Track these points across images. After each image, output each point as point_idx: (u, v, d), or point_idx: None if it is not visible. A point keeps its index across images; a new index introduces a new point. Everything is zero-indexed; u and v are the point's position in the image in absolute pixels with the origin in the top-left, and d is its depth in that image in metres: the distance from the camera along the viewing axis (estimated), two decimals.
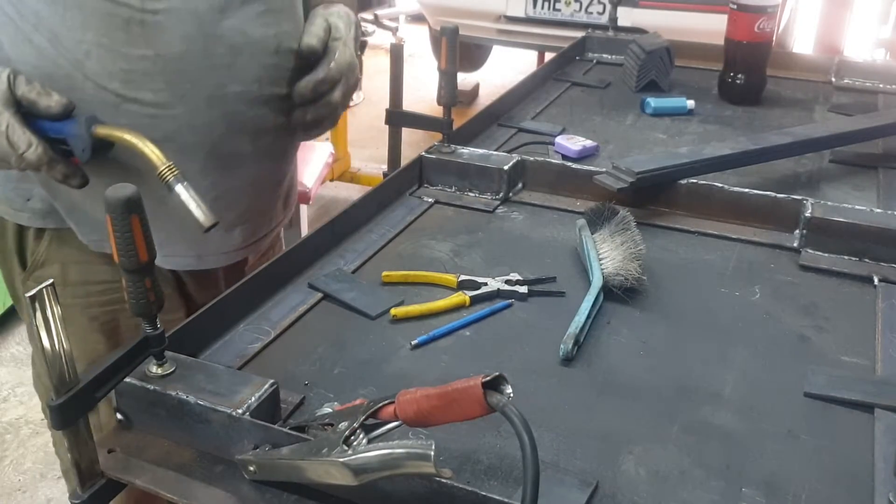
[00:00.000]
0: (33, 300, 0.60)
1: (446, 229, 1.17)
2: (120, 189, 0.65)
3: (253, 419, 0.70)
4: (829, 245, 1.08)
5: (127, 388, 0.74)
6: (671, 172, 1.21)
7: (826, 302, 1.00)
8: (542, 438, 0.75)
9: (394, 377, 0.85)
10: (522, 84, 1.74)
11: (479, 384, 0.62)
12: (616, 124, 1.62)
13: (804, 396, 0.83)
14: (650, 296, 1.00)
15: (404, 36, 5.01)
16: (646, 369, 0.87)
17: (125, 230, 0.65)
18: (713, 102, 1.75)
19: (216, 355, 0.87)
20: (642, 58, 1.79)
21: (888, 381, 0.84)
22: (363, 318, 0.95)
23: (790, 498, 0.70)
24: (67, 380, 0.63)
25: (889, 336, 0.92)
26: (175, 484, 0.71)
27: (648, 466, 0.74)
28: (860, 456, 0.75)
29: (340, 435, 0.64)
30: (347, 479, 0.62)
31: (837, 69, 1.86)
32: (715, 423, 0.79)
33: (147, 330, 0.72)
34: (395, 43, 1.37)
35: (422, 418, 0.65)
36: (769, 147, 1.33)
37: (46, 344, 0.61)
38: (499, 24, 4.13)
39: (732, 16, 1.71)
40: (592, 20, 3.80)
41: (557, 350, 0.88)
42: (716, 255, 1.11)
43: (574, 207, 1.21)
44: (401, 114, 1.34)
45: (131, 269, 0.67)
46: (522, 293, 0.99)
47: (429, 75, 5.12)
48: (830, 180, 1.36)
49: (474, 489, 0.62)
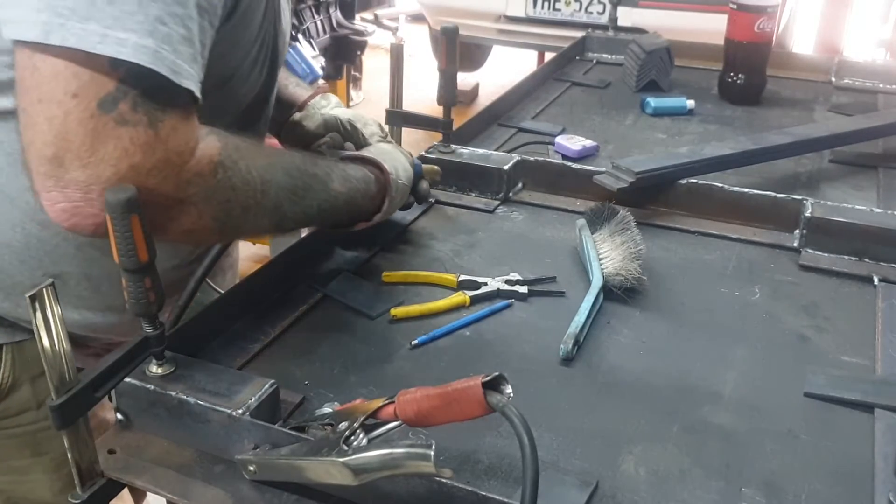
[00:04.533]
0: (33, 300, 0.59)
1: (446, 229, 1.17)
2: (120, 189, 0.65)
3: (253, 419, 0.70)
4: (829, 245, 1.08)
5: (127, 388, 0.74)
6: (671, 172, 1.21)
7: (826, 302, 1.00)
8: (542, 438, 0.75)
9: (394, 377, 0.85)
10: (522, 84, 1.74)
11: (479, 384, 0.62)
12: (616, 124, 1.62)
13: (804, 396, 0.83)
14: (650, 296, 1.00)
15: (404, 36, 5.01)
16: (646, 369, 0.87)
17: (125, 230, 0.65)
18: (713, 102, 1.75)
19: (216, 355, 0.87)
20: (642, 58, 1.79)
21: (888, 381, 0.84)
22: (363, 318, 0.95)
23: (790, 498, 0.70)
24: (67, 380, 0.63)
25: (889, 336, 0.92)
26: (175, 484, 0.71)
27: (648, 466, 0.74)
28: (860, 456, 0.75)
29: (340, 435, 0.64)
30: (347, 479, 0.62)
31: (837, 69, 1.86)
32: (715, 422, 0.79)
33: (147, 330, 0.72)
34: (395, 43, 1.36)
35: (422, 418, 0.65)
36: (769, 147, 1.33)
37: (46, 344, 0.61)
38: (499, 24, 4.13)
39: (732, 16, 1.71)
40: (592, 20, 3.80)
41: (557, 350, 0.88)
42: (716, 254, 1.11)
43: (574, 207, 1.21)
44: (401, 114, 1.34)
45: (131, 269, 0.67)
46: (522, 293, 0.99)
47: (429, 75, 5.11)
48: (830, 180, 1.36)
49: (474, 489, 0.62)
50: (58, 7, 0.65)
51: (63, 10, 0.65)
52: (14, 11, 0.66)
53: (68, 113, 0.66)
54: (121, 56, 0.65)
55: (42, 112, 0.67)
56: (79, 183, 0.68)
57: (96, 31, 0.65)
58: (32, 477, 0.67)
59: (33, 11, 0.65)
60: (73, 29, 0.65)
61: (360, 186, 0.97)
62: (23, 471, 0.99)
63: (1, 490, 1.04)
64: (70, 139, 0.66)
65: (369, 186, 0.98)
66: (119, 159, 0.67)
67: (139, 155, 0.68)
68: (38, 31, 0.65)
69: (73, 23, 0.65)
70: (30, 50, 0.66)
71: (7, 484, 1.03)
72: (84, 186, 0.68)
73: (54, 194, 0.69)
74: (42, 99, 0.66)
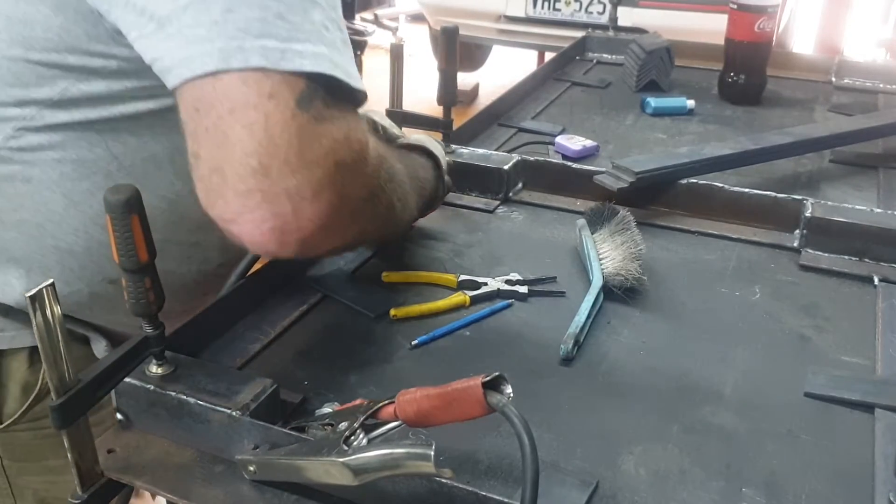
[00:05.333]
0: (33, 300, 0.59)
1: (446, 229, 1.17)
2: (120, 189, 0.65)
3: (253, 419, 0.70)
4: (829, 245, 1.08)
5: (127, 388, 0.74)
6: (671, 172, 1.21)
7: (826, 302, 1.00)
8: (542, 438, 0.75)
9: (394, 377, 0.85)
10: (522, 84, 1.74)
11: (479, 384, 0.62)
12: (616, 124, 1.62)
13: (804, 396, 0.83)
14: (650, 296, 1.00)
15: (404, 36, 5.01)
16: (646, 369, 0.87)
17: (125, 230, 0.65)
18: (713, 102, 1.75)
19: (216, 355, 0.87)
20: (642, 58, 1.79)
21: (888, 381, 0.84)
22: (363, 318, 0.95)
23: (790, 498, 0.70)
24: (67, 380, 0.63)
25: (889, 336, 0.92)
26: (175, 484, 0.71)
27: (648, 466, 0.74)
28: (860, 456, 0.75)
29: (340, 435, 0.64)
30: (347, 478, 0.62)
31: (837, 69, 1.86)
32: (715, 422, 0.79)
33: (147, 330, 0.72)
34: (395, 43, 1.36)
35: (422, 418, 0.65)
36: (769, 147, 1.33)
37: (46, 344, 0.61)
38: (499, 24, 4.14)
39: (732, 16, 1.71)
40: (592, 20, 3.80)
41: (557, 350, 0.88)
42: (716, 255, 1.11)
43: (574, 207, 1.21)
44: (401, 114, 1.34)
45: (131, 269, 0.67)
46: (522, 293, 0.99)
47: (429, 75, 5.12)
48: (830, 180, 1.36)
49: (474, 489, 0.62)
50: (229, 30, 0.62)
51: (236, 31, 0.62)
52: (182, 52, 0.63)
53: (269, 115, 0.62)
54: (304, 69, 0.63)
55: (238, 121, 0.62)
56: (289, 192, 0.62)
57: (276, 48, 0.62)
58: (68, 477, 0.67)
59: (205, 42, 0.62)
60: (253, 48, 0.62)
61: (425, 176, 1.02)
62: (59, 471, 0.99)
63: (35, 490, 1.04)
64: (277, 143, 0.62)
65: (428, 177, 1.03)
66: (326, 157, 0.64)
67: (341, 152, 0.65)
68: (216, 60, 0.62)
69: (250, 41, 0.62)
70: (209, 79, 0.63)
71: (42, 484, 1.03)
72: (296, 195, 0.63)
73: (260, 213, 0.63)
74: (234, 108, 0.62)
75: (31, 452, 0.99)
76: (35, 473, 1.02)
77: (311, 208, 0.64)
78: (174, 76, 0.64)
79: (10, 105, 0.80)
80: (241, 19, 0.63)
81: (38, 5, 0.74)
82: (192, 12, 0.63)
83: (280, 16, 0.64)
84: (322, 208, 0.65)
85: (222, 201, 0.64)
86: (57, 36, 0.75)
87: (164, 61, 0.65)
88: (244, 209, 0.63)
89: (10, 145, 0.82)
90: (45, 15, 0.74)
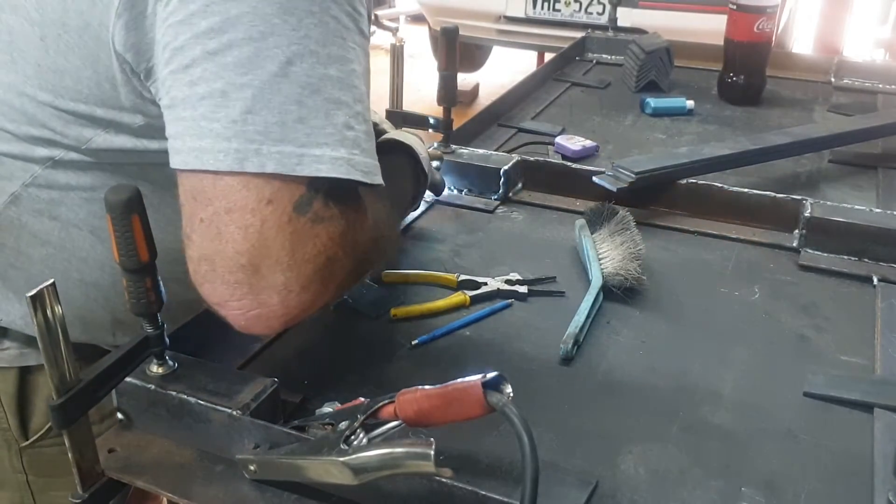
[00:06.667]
0: (34, 300, 0.59)
1: (446, 229, 1.17)
2: (120, 189, 0.65)
3: (253, 419, 0.70)
4: (829, 245, 1.09)
5: (127, 388, 0.74)
6: (671, 172, 1.21)
7: (825, 302, 1.00)
8: (542, 438, 0.75)
9: (394, 377, 0.85)
10: (522, 84, 1.74)
11: (479, 384, 0.62)
12: (616, 124, 1.62)
13: (804, 396, 0.83)
14: (650, 296, 1.00)
15: (404, 36, 5.01)
16: (645, 369, 0.87)
17: (125, 230, 0.65)
18: (713, 102, 1.75)
19: (216, 355, 0.87)
20: (642, 58, 1.79)
21: (887, 381, 0.85)
22: (363, 318, 0.95)
23: (789, 497, 0.70)
24: (68, 380, 0.63)
25: (888, 336, 0.92)
26: (175, 483, 0.71)
27: (648, 466, 0.74)
28: (859, 455, 0.75)
29: (340, 434, 0.64)
30: (347, 478, 0.62)
31: (837, 69, 1.86)
32: (715, 422, 0.79)
33: (147, 329, 0.72)
34: (395, 43, 1.36)
35: (422, 418, 0.65)
36: (769, 147, 1.33)
37: (47, 344, 0.61)
38: (499, 24, 4.13)
39: (732, 16, 1.71)
40: (592, 20, 3.80)
41: (557, 350, 0.88)
42: (716, 255, 1.11)
43: (574, 207, 1.21)
44: (401, 114, 1.34)
45: (131, 268, 0.67)
46: (522, 293, 0.99)
47: (429, 75, 5.12)
48: (830, 180, 1.36)
49: (474, 489, 0.62)
50: (248, 133, 0.62)
51: (255, 135, 0.62)
52: (195, 142, 0.63)
53: (265, 220, 0.63)
54: (321, 174, 0.63)
55: (233, 221, 0.63)
56: (277, 287, 0.65)
57: (293, 153, 0.63)
58: None
59: (221, 140, 0.62)
60: (270, 154, 0.62)
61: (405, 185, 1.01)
62: None
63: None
64: (269, 245, 0.64)
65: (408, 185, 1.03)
66: (318, 255, 0.65)
67: (336, 247, 0.67)
68: (230, 160, 0.62)
69: (268, 146, 0.62)
70: (214, 175, 0.63)
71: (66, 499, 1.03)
72: (283, 289, 0.65)
73: (246, 302, 0.65)
74: (232, 209, 0.63)
75: (57, 468, 0.99)
76: (61, 489, 1.01)
77: (298, 299, 0.66)
78: (180, 161, 0.65)
79: (39, 145, 0.80)
80: (262, 122, 0.63)
81: (68, 55, 0.73)
82: (210, 105, 0.63)
83: (301, 120, 0.63)
84: (309, 298, 0.67)
85: (210, 286, 0.66)
86: (87, 88, 0.75)
87: (176, 142, 0.65)
88: (231, 298, 0.66)
89: (38, 182, 0.82)
90: (75, 66, 0.74)
